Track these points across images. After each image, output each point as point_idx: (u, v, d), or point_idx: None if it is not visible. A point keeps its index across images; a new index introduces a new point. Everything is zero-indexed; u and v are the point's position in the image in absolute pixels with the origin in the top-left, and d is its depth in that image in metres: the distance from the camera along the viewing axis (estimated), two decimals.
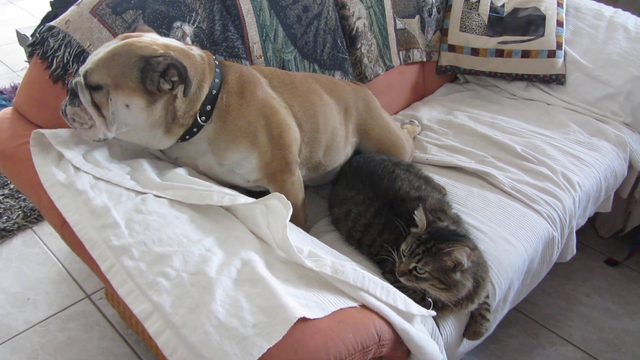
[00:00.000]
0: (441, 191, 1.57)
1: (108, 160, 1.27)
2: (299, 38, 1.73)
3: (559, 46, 2.11)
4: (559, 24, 2.14)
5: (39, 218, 2.20)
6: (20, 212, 2.21)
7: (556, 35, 2.12)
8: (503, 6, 2.17)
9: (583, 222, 1.81)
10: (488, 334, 1.38)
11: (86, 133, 1.20)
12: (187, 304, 0.95)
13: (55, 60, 1.34)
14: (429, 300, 1.21)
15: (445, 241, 1.19)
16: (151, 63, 1.14)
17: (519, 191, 1.64)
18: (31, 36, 2.59)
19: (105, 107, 1.17)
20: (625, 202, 2.10)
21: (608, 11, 2.25)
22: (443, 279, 1.17)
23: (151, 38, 1.22)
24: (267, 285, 0.98)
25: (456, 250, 1.15)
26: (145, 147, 1.33)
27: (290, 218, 1.10)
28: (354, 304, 1.04)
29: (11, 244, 2.10)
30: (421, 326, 1.15)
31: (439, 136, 1.92)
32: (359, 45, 1.91)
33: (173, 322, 0.93)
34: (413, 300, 1.14)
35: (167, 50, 1.18)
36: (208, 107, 1.26)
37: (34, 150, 1.25)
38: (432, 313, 1.16)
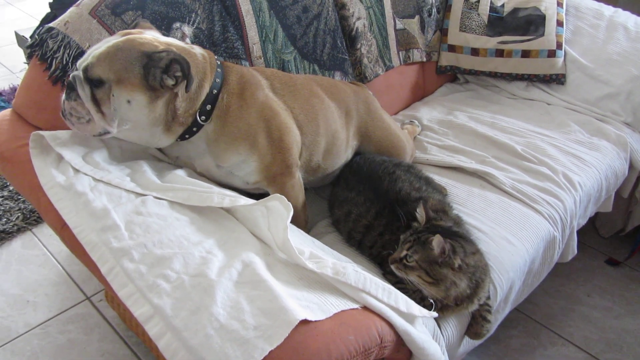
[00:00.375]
0: (442, 192, 1.57)
1: (108, 162, 1.26)
2: (299, 38, 1.73)
3: (559, 46, 2.11)
4: (559, 24, 2.13)
5: (39, 220, 2.19)
6: (19, 214, 2.20)
7: (556, 35, 2.11)
8: (503, 6, 2.16)
9: (584, 222, 1.81)
10: (489, 335, 1.38)
11: (84, 128, 1.19)
12: (188, 307, 0.95)
13: (54, 61, 1.34)
14: (430, 301, 1.21)
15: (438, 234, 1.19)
16: (154, 59, 1.14)
17: (520, 191, 1.64)
18: (30, 37, 2.59)
19: (106, 104, 1.16)
20: (625, 202, 2.09)
21: (608, 11, 2.25)
22: (429, 271, 1.17)
23: (152, 36, 1.22)
24: (268, 287, 0.98)
25: (435, 238, 1.15)
26: (144, 146, 1.32)
27: (290, 220, 1.10)
28: (356, 306, 1.04)
29: (10, 246, 2.09)
30: (423, 327, 1.14)
31: (439, 136, 1.91)
32: (359, 45, 1.90)
33: (174, 325, 0.93)
34: (413, 300, 1.13)
35: (169, 47, 1.18)
36: (208, 107, 1.25)
37: (33, 152, 1.24)
38: (434, 314, 1.16)
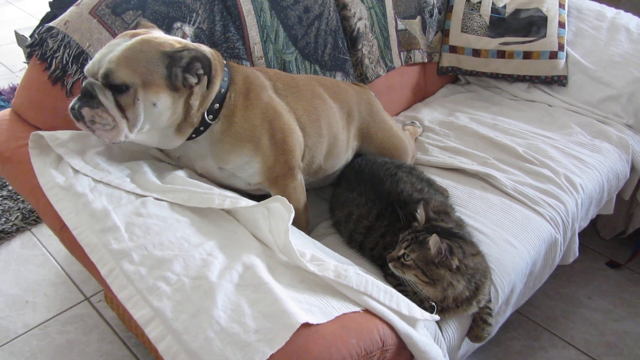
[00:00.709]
0: (444, 193, 1.56)
1: (107, 162, 1.25)
2: (300, 39, 1.72)
3: (561, 47, 2.11)
4: (561, 25, 2.13)
5: (38, 220, 2.18)
6: (19, 214, 2.19)
7: (558, 36, 2.11)
8: (504, 7, 2.16)
9: (585, 224, 1.80)
10: (490, 337, 1.37)
11: (107, 135, 1.14)
12: (188, 309, 0.94)
13: (54, 61, 1.33)
14: (432, 304, 1.20)
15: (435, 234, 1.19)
16: (175, 58, 1.12)
17: (521, 193, 1.63)
18: (30, 37, 2.57)
19: (130, 109, 1.12)
20: (627, 204, 2.09)
21: (610, 12, 2.24)
22: (426, 270, 1.17)
23: (160, 35, 1.20)
24: (269, 290, 0.97)
25: (432, 238, 1.15)
26: (145, 147, 1.31)
27: (292, 222, 1.09)
28: (357, 309, 1.03)
29: (10, 246, 2.08)
30: (424, 331, 1.14)
31: (441, 138, 1.91)
32: (360, 46, 1.90)
33: (174, 328, 0.92)
34: (414, 303, 1.13)
35: (186, 45, 1.16)
36: (216, 106, 1.24)
37: (33, 152, 1.23)
38: (436, 317, 1.15)
